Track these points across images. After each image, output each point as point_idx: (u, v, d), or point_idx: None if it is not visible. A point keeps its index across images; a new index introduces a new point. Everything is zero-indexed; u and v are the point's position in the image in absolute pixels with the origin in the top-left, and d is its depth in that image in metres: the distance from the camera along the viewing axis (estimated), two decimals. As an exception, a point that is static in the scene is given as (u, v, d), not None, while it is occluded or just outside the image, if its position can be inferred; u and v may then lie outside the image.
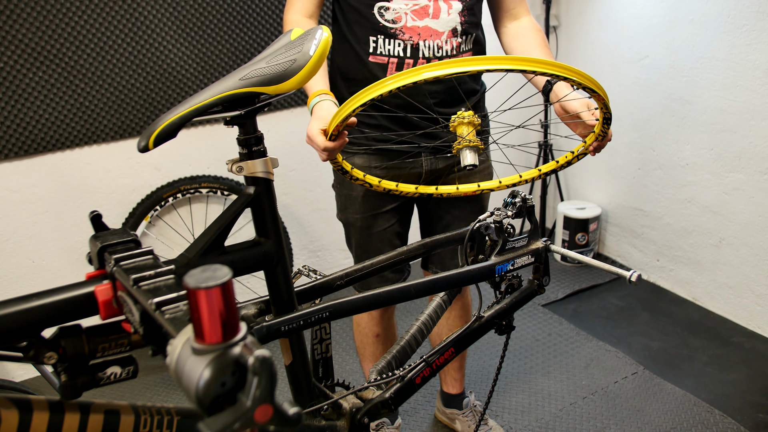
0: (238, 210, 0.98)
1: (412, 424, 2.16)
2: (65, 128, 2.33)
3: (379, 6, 1.49)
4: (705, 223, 2.67)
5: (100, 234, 0.86)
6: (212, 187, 2.56)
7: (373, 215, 1.70)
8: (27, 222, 2.37)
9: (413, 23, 1.50)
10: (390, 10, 1.49)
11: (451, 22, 1.53)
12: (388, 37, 1.52)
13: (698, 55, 2.52)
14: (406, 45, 1.51)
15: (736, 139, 2.46)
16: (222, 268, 0.54)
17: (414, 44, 1.51)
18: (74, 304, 0.79)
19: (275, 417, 0.52)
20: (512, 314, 1.38)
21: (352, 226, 1.74)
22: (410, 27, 1.50)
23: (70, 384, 0.80)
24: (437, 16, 1.51)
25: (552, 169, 1.51)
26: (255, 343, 0.54)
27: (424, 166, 1.66)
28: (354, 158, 1.66)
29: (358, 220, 1.72)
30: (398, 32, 1.51)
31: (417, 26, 1.51)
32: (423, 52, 1.52)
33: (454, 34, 1.54)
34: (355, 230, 1.74)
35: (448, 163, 1.68)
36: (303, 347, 1.13)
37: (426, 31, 1.51)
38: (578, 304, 2.85)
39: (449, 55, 1.55)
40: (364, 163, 1.65)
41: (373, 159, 1.64)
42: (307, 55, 0.95)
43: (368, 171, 1.65)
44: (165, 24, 2.38)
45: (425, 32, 1.51)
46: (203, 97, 0.92)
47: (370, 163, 1.64)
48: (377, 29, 1.51)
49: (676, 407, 2.17)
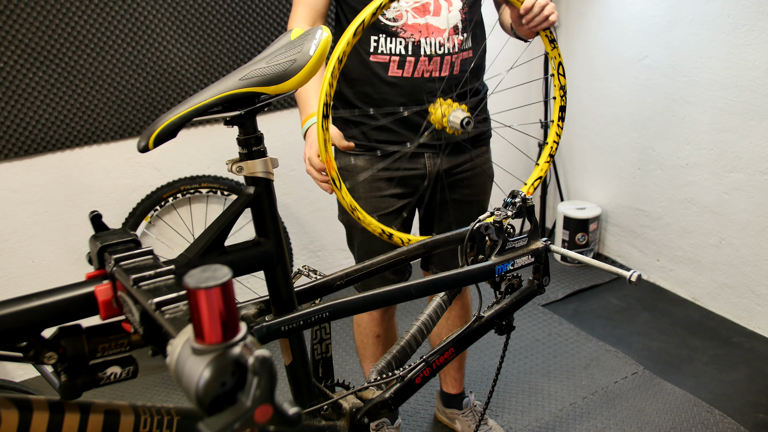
0: (238, 210, 0.98)
1: (412, 424, 2.16)
2: (65, 128, 2.33)
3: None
4: (705, 223, 2.67)
5: (100, 234, 0.86)
6: (212, 187, 2.56)
7: (377, 217, 1.69)
8: (27, 222, 2.37)
9: (414, 21, 1.50)
10: (391, 9, 1.49)
11: (452, 19, 1.53)
12: (389, 36, 1.51)
13: (698, 55, 2.52)
14: (407, 43, 1.51)
15: (736, 139, 2.46)
16: (222, 268, 0.54)
17: (415, 42, 1.51)
18: (74, 304, 0.79)
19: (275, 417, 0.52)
20: (512, 314, 1.38)
21: (355, 227, 1.73)
22: (411, 24, 1.50)
23: (70, 384, 0.80)
24: (438, 13, 1.51)
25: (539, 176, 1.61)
26: (255, 343, 0.54)
27: (427, 166, 1.65)
28: (357, 160, 1.65)
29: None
30: (399, 30, 1.51)
31: (418, 23, 1.50)
32: (424, 49, 1.52)
33: (456, 32, 1.54)
34: (358, 232, 1.73)
35: (451, 164, 1.68)
36: (303, 347, 1.13)
37: (427, 29, 1.51)
38: (578, 304, 2.85)
39: (451, 53, 1.55)
40: (366, 165, 1.64)
41: (375, 161, 1.64)
42: (307, 55, 0.95)
43: (371, 173, 1.65)
44: (165, 24, 2.38)
45: (426, 30, 1.51)
46: (203, 97, 0.92)
47: (373, 164, 1.64)
48: (378, 28, 1.51)
49: (676, 407, 2.17)
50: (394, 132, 1.61)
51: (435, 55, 1.53)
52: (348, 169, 1.66)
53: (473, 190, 1.75)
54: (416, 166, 1.65)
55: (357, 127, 1.64)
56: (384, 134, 1.62)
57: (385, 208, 1.68)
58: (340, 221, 1.80)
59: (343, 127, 1.66)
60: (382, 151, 1.62)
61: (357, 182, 1.66)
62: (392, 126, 1.61)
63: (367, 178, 1.64)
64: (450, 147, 1.65)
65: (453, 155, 1.67)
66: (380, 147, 1.62)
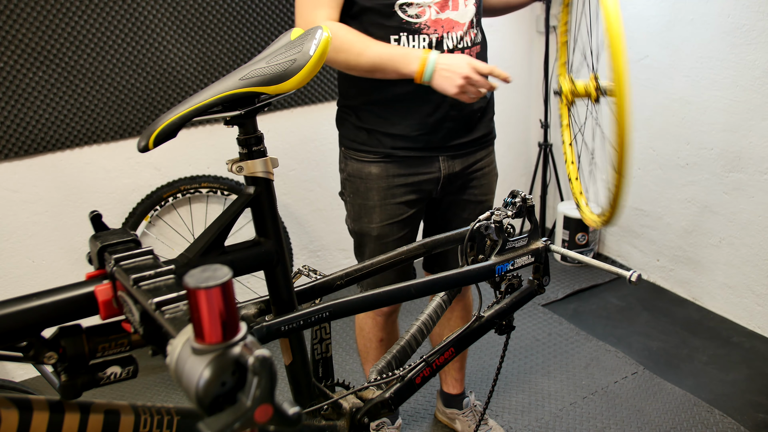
0: (238, 210, 0.98)
1: (412, 424, 2.16)
2: (65, 128, 2.33)
3: (401, 2, 1.47)
4: (705, 223, 2.67)
5: (100, 234, 0.86)
6: (212, 187, 2.56)
7: (390, 224, 1.66)
8: (27, 222, 2.37)
9: (437, 16, 1.50)
10: (413, 5, 1.48)
11: (469, 14, 1.54)
12: (411, 33, 1.50)
13: (698, 55, 2.52)
14: (430, 39, 1.50)
15: (736, 139, 2.46)
16: (222, 268, 0.54)
17: (438, 38, 1.51)
18: (74, 304, 0.79)
19: (275, 417, 0.52)
20: (512, 314, 1.38)
21: (367, 235, 1.69)
22: (434, 20, 1.50)
23: (70, 384, 0.80)
24: (456, 8, 1.52)
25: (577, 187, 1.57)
26: (255, 343, 0.54)
27: (442, 170, 1.64)
28: (371, 167, 1.63)
29: (375, 229, 1.67)
30: (423, 26, 1.49)
31: (440, 19, 1.50)
32: (447, 44, 1.52)
33: (472, 25, 1.55)
34: (370, 240, 1.69)
35: (464, 165, 1.67)
36: (303, 347, 1.13)
37: (448, 24, 1.51)
38: (578, 304, 2.85)
39: (469, 47, 1.55)
40: (381, 172, 1.62)
41: (390, 167, 1.62)
42: (307, 55, 0.95)
43: (386, 180, 1.63)
44: (165, 24, 2.38)
45: (448, 24, 1.51)
46: (203, 97, 0.92)
47: (387, 171, 1.62)
48: (400, 27, 1.49)
49: (676, 407, 2.17)
50: (410, 138, 1.59)
51: (456, 49, 1.53)
52: (362, 176, 1.64)
53: (482, 190, 1.75)
54: (431, 170, 1.64)
55: (370, 133, 1.61)
56: (399, 141, 1.60)
57: (399, 215, 1.66)
58: (352, 230, 1.74)
59: (355, 133, 1.63)
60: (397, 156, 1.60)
61: (371, 190, 1.64)
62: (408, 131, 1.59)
63: (383, 185, 1.63)
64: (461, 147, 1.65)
65: (465, 156, 1.67)
66: (395, 152, 1.60)
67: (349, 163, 1.66)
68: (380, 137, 1.60)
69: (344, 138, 1.68)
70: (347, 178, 1.69)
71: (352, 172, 1.66)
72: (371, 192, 1.64)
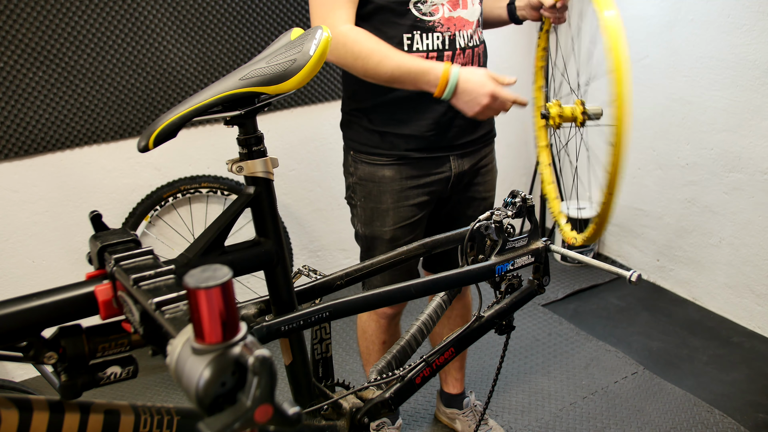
0: (238, 210, 0.98)
1: (412, 424, 2.16)
2: (65, 128, 2.33)
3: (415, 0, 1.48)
4: (705, 223, 2.67)
5: (100, 234, 0.86)
6: (212, 187, 2.56)
7: (402, 227, 1.66)
8: (27, 222, 2.37)
9: (450, 14, 1.50)
10: (427, 3, 1.48)
11: (476, 12, 1.56)
12: (425, 32, 1.49)
13: (698, 55, 2.52)
14: (444, 37, 1.51)
15: (736, 139, 2.46)
16: (222, 268, 0.54)
17: (451, 35, 1.51)
18: (74, 304, 0.79)
19: (275, 417, 0.52)
20: (512, 314, 1.38)
21: (379, 239, 1.68)
22: (447, 18, 1.50)
23: (70, 384, 0.80)
24: (466, 6, 1.53)
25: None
26: (255, 343, 0.54)
27: (453, 169, 1.65)
28: (384, 170, 1.62)
29: (387, 232, 1.66)
30: (436, 24, 1.50)
31: (452, 17, 1.51)
32: (459, 42, 1.53)
33: (478, 24, 1.57)
34: (382, 243, 1.68)
35: (471, 163, 1.68)
36: (303, 347, 1.13)
37: (460, 22, 1.52)
38: (578, 304, 2.85)
39: (477, 45, 1.57)
40: (395, 175, 1.61)
41: (403, 170, 1.61)
42: (307, 55, 0.95)
43: (400, 183, 1.62)
44: (165, 24, 2.38)
45: (459, 23, 1.52)
46: (203, 97, 0.92)
47: (401, 174, 1.62)
48: (413, 25, 1.49)
49: (676, 407, 2.16)
50: (422, 138, 1.59)
51: (467, 47, 1.54)
52: (375, 179, 1.63)
53: (486, 187, 1.76)
54: (443, 170, 1.64)
55: (383, 136, 1.60)
56: (412, 142, 1.59)
57: (411, 218, 1.66)
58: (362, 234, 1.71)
59: (367, 136, 1.62)
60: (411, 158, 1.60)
61: (385, 193, 1.63)
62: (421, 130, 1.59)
63: (396, 187, 1.62)
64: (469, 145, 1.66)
65: (472, 154, 1.68)
66: (409, 154, 1.60)
67: (360, 167, 1.65)
68: (393, 139, 1.59)
69: (353, 141, 1.66)
70: (357, 182, 1.67)
71: (364, 175, 1.64)
72: (384, 195, 1.63)
